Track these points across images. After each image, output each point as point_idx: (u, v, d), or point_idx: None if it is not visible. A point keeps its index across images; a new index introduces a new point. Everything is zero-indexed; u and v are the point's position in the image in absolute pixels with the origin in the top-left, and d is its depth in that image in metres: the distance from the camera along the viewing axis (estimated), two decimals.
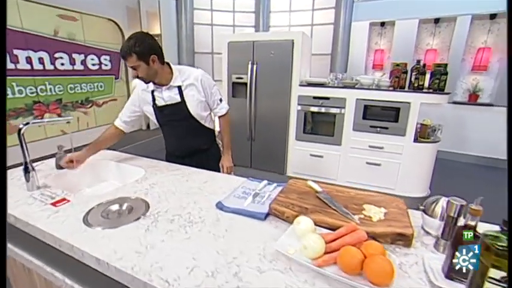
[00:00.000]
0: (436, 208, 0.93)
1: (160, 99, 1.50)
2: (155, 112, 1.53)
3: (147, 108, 1.54)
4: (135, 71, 1.36)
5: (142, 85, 1.50)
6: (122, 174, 1.51)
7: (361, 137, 3.02)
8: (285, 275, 0.72)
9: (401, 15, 4.46)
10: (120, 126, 1.58)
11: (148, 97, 1.51)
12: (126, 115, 1.57)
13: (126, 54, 1.31)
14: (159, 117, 1.54)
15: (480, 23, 4.19)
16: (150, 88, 1.49)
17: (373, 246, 0.75)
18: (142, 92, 1.52)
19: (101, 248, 0.80)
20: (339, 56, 4.99)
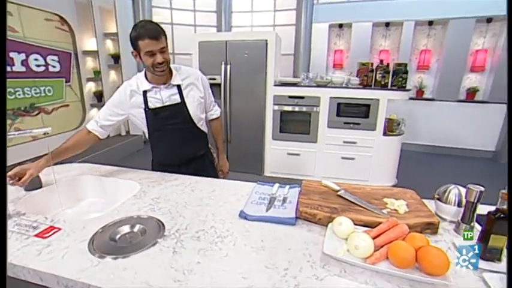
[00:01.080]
0: (450, 196, 1.00)
1: (156, 100, 1.31)
2: (147, 116, 1.32)
3: (136, 111, 1.33)
4: (155, 56, 1.18)
5: (132, 85, 1.31)
6: (109, 189, 1.32)
7: (335, 134, 3.16)
8: (344, 278, 0.70)
9: (357, 18, 4.79)
10: (94, 131, 1.32)
11: (138, 99, 1.31)
12: (105, 118, 1.33)
13: (160, 33, 1.17)
14: (151, 121, 1.33)
15: (421, 28, 4.72)
16: (143, 88, 1.30)
17: (418, 238, 0.77)
18: (132, 93, 1.31)
19: (128, 283, 0.68)
20: (302, 55, 5.16)
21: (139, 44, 1.17)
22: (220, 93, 3.11)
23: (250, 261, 0.75)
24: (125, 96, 1.32)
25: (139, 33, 1.17)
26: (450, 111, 4.76)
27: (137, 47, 1.19)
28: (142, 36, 1.16)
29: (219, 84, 3.09)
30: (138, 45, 1.18)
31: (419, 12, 4.51)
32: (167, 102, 1.33)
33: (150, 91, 1.31)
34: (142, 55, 1.20)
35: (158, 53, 1.19)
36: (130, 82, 1.34)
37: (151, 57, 1.19)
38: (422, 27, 4.70)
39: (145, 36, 1.15)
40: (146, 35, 1.15)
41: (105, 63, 4.32)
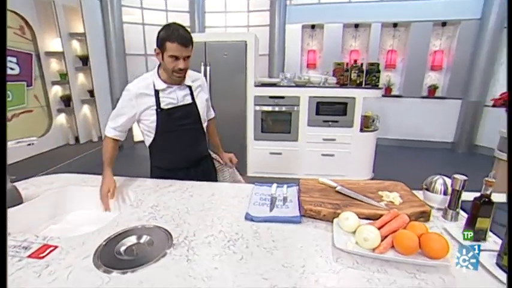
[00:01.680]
0: (436, 185, 1.09)
1: (171, 100, 1.29)
2: (159, 117, 1.28)
3: (146, 112, 1.29)
4: (178, 62, 1.19)
5: (139, 88, 1.27)
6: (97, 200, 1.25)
7: (315, 132, 3.26)
8: (358, 270, 0.74)
9: (328, 19, 4.97)
10: (116, 136, 1.34)
11: (149, 100, 1.27)
12: (119, 122, 1.31)
13: (189, 41, 1.19)
14: (163, 122, 1.29)
15: (387, 29, 5.04)
16: (158, 87, 1.27)
17: (418, 226, 0.84)
18: (140, 96, 1.26)
19: None
20: (276, 56, 5.25)
21: (166, 45, 1.17)
22: None
23: (267, 261, 0.77)
24: (133, 98, 1.27)
25: (171, 35, 1.16)
26: (415, 107, 5.14)
27: (163, 46, 1.18)
28: (173, 39, 1.15)
29: None
30: (164, 46, 1.18)
31: (385, 15, 4.80)
32: (181, 102, 1.33)
33: (164, 91, 1.28)
34: (165, 56, 1.19)
35: (182, 60, 1.20)
36: (136, 87, 1.28)
37: (175, 62, 1.19)
38: (388, 28, 5.01)
39: (176, 40, 1.15)
40: (177, 40, 1.15)
41: (72, 65, 4.03)
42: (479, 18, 4.58)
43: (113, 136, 1.33)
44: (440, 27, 4.86)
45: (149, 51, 5.04)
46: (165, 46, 1.17)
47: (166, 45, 1.17)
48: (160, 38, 1.19)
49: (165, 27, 1.19)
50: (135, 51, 4.91)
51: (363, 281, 0.70)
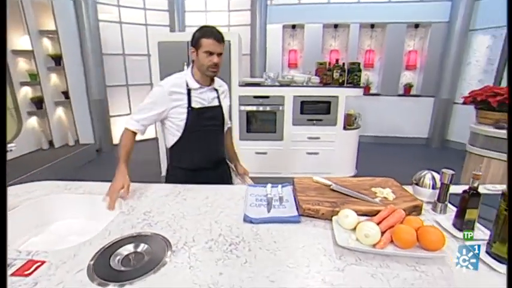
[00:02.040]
0: (425, 180, 1.14)
1: (202, 100, 1.35)
2: (189, 115, 1.32)
3: (176, 110, 1.32)
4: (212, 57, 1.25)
5: (173, 86, 1.31)
6: (86, 208, 1.19)
7: (300, 131, 3.30)
8: (361, 266, 0.75)
9: (308, 19, 5.06)
10: (138, 130, 1.34)
11: (182, 98, 1.31)
12: (144, 117, 1.32)
13: (223, 38, 1.26)
14: (193, 121, 1.33)
15: (365, 30, 5.21)
16: (192, 86, 1.32)
17: (414, 220, 0.87)
18: (173, 93, 1.30)
19: None
20: (258, 55, 5.26)
21: (202, 41, 1.24)
22: None
23: (271, 263, 0.76)
24: (165, 95, 1.30)
25: (205, 32, 1.24)
26: (392, 105, 5.36)
27: (198, 44, 1.25)
28: (208, 36, 1.23)
29: None
30: (200, 43, 1.24)
31: (362, 16, 4.97)
32: (210, 103, 1.39)
33: (195, 90, 1.33)
34: (200, 52, 1.26)
35: (216, 55, 1.26)
36: (170, 84, 1.32)
37: (209, 57, 1.25)
38: (366, 29, 5.18)
39: (211, 36, 1.23)
40: (211, 36, 1.23)
41: (44, 64, 3.78)
42: (448, 21, 4.86)
43: (134, 129, 1.33)
44: (414, 28, 5.11)
45: (128, 51, 4.86)
46: (201, 43, 1.24)
47: (202, 41, 1.24)
48: (196, 37, 1.27)
49: (200, 28, 1.28)
50: (112, 50, 4.70)
51: (368, 277, 0.71)
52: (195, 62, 1.32)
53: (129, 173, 1.24)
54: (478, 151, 2.85)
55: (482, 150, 2.79)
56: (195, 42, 1.27)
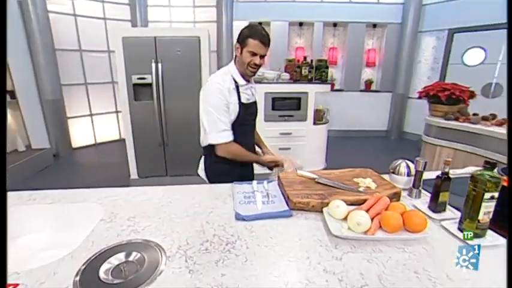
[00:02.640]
0: (400, 169, 1.23)
1: (247, 95, 1.44)
2: (240, 110, 1.38)
3: (231, 106, 1.37)
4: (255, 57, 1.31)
5: (225, 81, 1.35)
6: (59, 219, 1.07)
7: (272, 127, 3.34)
8: (356, 253, 0.79)
9: (274, 17, 5.12)
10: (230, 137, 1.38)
11: (234, 94, 1.37)
12: (226, 123, 1.36)
13: (269, 42, 1.31)
14: (242, 115, 1.40)
15: (328, 28, 5.43)
16: (241, 82, 1.39)
17: (397, 206, 0.93)
18: (229, 90, 1.35)
19: None
20: (225, 52, 5.20)
21: (248, 41, 1.28)
22: (152, 93, 2.84)
23: (272, 259, 0.76)
24: (227, 94, 1.34)
25: (254, 33, 1.28)
26: (355, 100, 5.68)
27: (244, 42, 1.29)
28: (255, 36, 1.27)
29: (150, 84, 2.82)
30: (246, 42, 1.29)
31: (326, 15, 5.17)
32: (252, 99, 1.49)
33: (242, 86, 1.40)
34: (244, 51, 1.30)
35: (258, 56, 1.31)
36: (224, 81, 1.35)
37: (252, 57, 1.31)
38: (329, 28, 5.41)
39: (258, 38, 1.27)
40: (259, 38, 1.28)
41: None
42: (400, 23, 5.28)
43: (229, 140, 1.36)
44: (372, 28, 5.45)
45: (85, 47, 4.45)
46: (247, 42, 1.29)
47: (248, 41, 1.28)
48: (243, 34, 1.30)
49: (249, 26, 1.32)
50: (67, 46, 4.28)
51: (364, 262, 0.75)
52: (238, 58, 1.36)
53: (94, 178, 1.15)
54: (432, 140, 3.15)
55: (435, 139, 3.10)
56: (242, 40, 1.31)
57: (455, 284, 0.68)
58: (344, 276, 0.70)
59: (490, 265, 0.74)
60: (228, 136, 1.35)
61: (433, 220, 0.96)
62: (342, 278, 0.69)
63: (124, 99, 2.78)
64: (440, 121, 3.01)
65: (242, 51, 1.31)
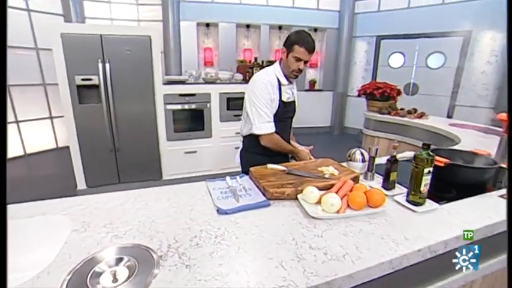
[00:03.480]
0: (356, 156, 1.41)
1: (288, 94, 1.55)
2: (279, 107, 1.50)
3: (273, 103, 1.50)
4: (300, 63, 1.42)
5: (271, 80, 1.47)
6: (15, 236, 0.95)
7: (228, 126, 3.39)
8: (333, 230, 0.90)
9: (221, 18, 5.15)
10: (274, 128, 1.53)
11: (276, 91, 1.49)
12: (270, 115, 1.50)
13: (314, 49, 1.41)
14: (281, 112, 1.52)
15: (274, 31, 5.69)
16: (283, 82, 1.50)
17: (359, 187, 1.08)
18: (273, 86, 1.47)
19: None
20: (172, 52, 5.04)
21: (295, 47, 1.39)
22: (100, 96, 2.61)
23: (262, 244, 0.82)
24: (271, 90, 1.47)
25: (301, 40, 1.37)
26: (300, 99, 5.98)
27: (291, 48, 1.40)
28: (301, 44, 1.37)
29: (97, 85, 2.58)
30: (292, 48, 1.39)
31: (271, 18, 5.41)
32: (291, 98, 1.59)
33: (284, 85, 1.51)
34: (290, 56, 1.41)
35: (303, 62, 1.42)
36: (268, 78, 1.48)
37: (297, 62, 1.41)
38: (275, 30, 5.66)
39: (304, 46, 1.37)
40: (305, 46, 1.37)
41: None
42: (337, 28, 5.83)
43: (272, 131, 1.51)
44: (314, 32, 5.90)
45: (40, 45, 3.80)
46: (293, 48, 1.39)
47: (295, 47, 1.38)
48: (290, 40, 1.41)
49: (297, 33, 1.42)
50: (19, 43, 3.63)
51: (341, 236, 0.86)
52: (283, 62, 1.47)
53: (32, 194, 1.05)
54: (371, 133, 3.59)
55: (374, 132, 3.54)
56: (288, 45, 1.41)
57: (411, 241, 0.84)
58: (328, 249, 0.80)
59: (430, 224, 0.93)
60: (272, 127, 1.51)
61: (387, 196, 1.14)
62: (326, 252, 0.78)
63: (66, 102, 2.49)
64: (377, 115, 3.45)
65: (288, 55, 1.42)
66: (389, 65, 5.56)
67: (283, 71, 1.50)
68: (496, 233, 1.00)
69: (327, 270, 0.71)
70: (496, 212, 1.03)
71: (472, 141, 2.13)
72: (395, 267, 0.78)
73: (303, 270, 0.71)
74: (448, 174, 1.21)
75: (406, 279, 0.88)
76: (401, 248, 0.81)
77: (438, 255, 0.86)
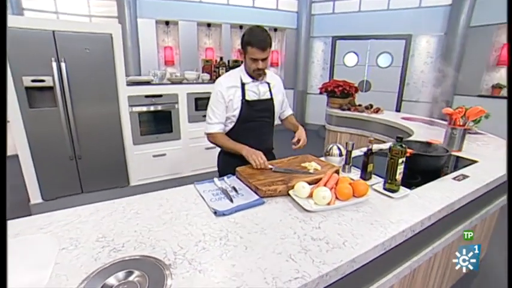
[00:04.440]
0: (333, 151, 1.52)
1: (253, 93, 1.50)
2: (242, 107, 1.47)
3: (232, 103, 1.47)
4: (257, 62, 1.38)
5: (226, 82, 1.47)
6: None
7: (197, 127, 3.32)
8: (328, 221, 0.97)
9: (181, 16, 4.99)
10: (223, 130, 1.55)
11: (236, 92, 1.46)
12: (221, 116, 1.50)
13: (267, 45, 1.34)
14: (245, 112, 1.48)
15: (235, 30, 5.69)
16: (245, 81, 1.47)
17: (344, 179, 1.17)
18: (228, 89, 1.46)
19: None
20: (130, 51, 4.75)
21: (247, 49, 1.36)
22: (56, 98, 2.35)
23: (268, 241, 0.85)
24: (223, 93, 1.45)
25: (251, 40, 1.34)
26: None
27: (245, 49, 1.39)
28: (254, 45, 1.33)
29: (51, 87, 2.32)
30: (246, 49, 1.38)
31: (232, 17, 5.41)
32: (262, 96, 1.52)
33: (248, 84, 1.48)
34: (247, 58, 1.40)
35: (260, 61, 1.38)
36: (226, 80, 1.48)
37: (254, 62, 1.39)
38: (236, 29, 5.67)
39: (256, 46, 1.33)
40: (257, 45, 1.33)
41: None
42: (296, 28, 6.06)
43: (219, 131, 1.52)
44: (274, 31, 6.04)
45: None
46: (247, 49, 1.37)
47: (248, 49, 1.36)
48: (243, 41, 1.38)
49: (248, 32, 1.36)
50: None
51: (336, 226, 0.94)
52: (244, 62, 1.46)
53: None
54: (333, 128, 3.83)
55: (336, 127, 3.78)
56: (242, 47, 1.39)
57: (396, 224, 0.95)
58: (328, 239, 0.86)
59: (407, 207, 1.07)
60: (214, 128, 1.52)
61: None
62: (328, 241, 0.85)
63: (13, 106, 2.19)
64: (338, 112, 3.69)
65: (245, 57, 1.41)
66: (344, 64, 5.96)
67: (247, 70, 1.48)
68: (455, 209, 1.18)
69: (332, 258, 0.77)
70: (453, 193, 1.21)
71: (423, 132, 2.42)
72: (387, 247, 0.88)
73: (312, 260, 0.76)
74: (414, 162, 1.37)
75: (393, 257, 0.99)
76: (389, 230, 0.91)
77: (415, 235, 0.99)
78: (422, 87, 5.30)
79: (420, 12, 5.05)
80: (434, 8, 4.91)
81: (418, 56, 5.24)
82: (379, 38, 5.47)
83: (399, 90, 5.50)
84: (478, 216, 1.45)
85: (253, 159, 1.33)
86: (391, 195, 1.16)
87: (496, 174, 1.42)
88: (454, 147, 1.82)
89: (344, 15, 5.66)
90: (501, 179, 1.44)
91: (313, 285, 0.71)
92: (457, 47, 4.67)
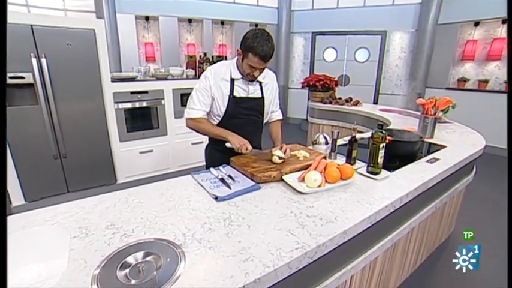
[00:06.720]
0: (319, 140, 1.63)
1: (243, 90, 1.46)
2: (229, 103, 1.44)
3: (219, 96, 1.44)
4: (254, 70, 1.35)
5: (219, 73, 1.42)
6: None
7: (183, 123, 3.20)
8: (320, 200, 1.08)
9: (162, 12, 4.91)
10: (205, 117, 1.49)
11: (225, 86, 1.43)
12: (205, 103, 1.45)
13: (270, 58, 1.32)
14: (232, 108, 1.45)
15: (216, 26, 5.68)
16: (234, 76, 1.42)
17: (331, 164, 1.28)
18: (219, 81, 1.42)
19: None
20: (110, 47, 4.61)
21: (249, 55, 1.30)
22: (36, 96, 2.28)
23: (269, 219, 0.94)
24: (214, 81, 1.41)
25: (256, 48, 1.26)
26: None
27: (246, 54, 1.32)
28: (256, 53, 1.27)
29: (31, 84, 2.25)
30: (247, 55, 1.31)
31: (213, 13, 5.39)
32: (251, 94, 1.48)
33: (238, 80, 1.43)
34: (245, 62, 1.35)
35: (258, 70, 1.36)
36: (218, 69, 1.43)
37: (251, 69, 1.35)
38: (217, 25, 5.66)
39: (258, 55, 1.28)
40: (259, 56, 1.28)
41: None
42: (277, 24, 6.15)
43: (202, 116, 1.46)
44: (254, 27, 6.09)
45: None
46: (248, 55, 1.31)
47: (249, 55, 1.30)
48: (246, 45, 1.30)
49: (253, 37, 1.28)
50: None
51: (328, 204, 1.04)
52: (239, 62, 1.40)
53: None
54: (315, 121, 3.97)
55: (318, 120, 3.93)
56: (244, 50, 1.31)
57: (379, 200, 1.07)
58: (322, 216, 0.96)
59: (388, 187, 1.19)
60: (198, 113, 1.46)
61: None
62: (321, 218, 0.95)
63: None
64: (320, 105, 3.84)
65: (243, 59, 1.34)
66: (324, 59, 6.14)
67: (239, 69, 1.43)
68: (428, 187, 1.33)
69: (327, 231, 0.87)
70: (427, 173, 1.36)
71: (399, 122, 2.60)
72: (372, 221, 1.00)
73: (309, 233, 0.86)
74: (393, 148, 1.51)
75: (377, 231, 1.12)
76: (374, 206, 1.03)
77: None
78: (398, 80, 5.60)
79: (394, 10, 5.31)
80: (406, 6, 5.18)
81: (393, 51, 5.51)
82: (356, 34, 5.68)
83: (376, 83, 5.77)
84: (447, 194, 1.62)
85: (237, 142, 1.35)
86: (374, 177, 1.28)
87: (461, 156, 1.60)
88: (427, 134, 1.99)
89: (323, 12, 5.82)
90: (466, 161, 1.62)
91: (312, 254, 0.81)
92: (427, 43, 4.97)
